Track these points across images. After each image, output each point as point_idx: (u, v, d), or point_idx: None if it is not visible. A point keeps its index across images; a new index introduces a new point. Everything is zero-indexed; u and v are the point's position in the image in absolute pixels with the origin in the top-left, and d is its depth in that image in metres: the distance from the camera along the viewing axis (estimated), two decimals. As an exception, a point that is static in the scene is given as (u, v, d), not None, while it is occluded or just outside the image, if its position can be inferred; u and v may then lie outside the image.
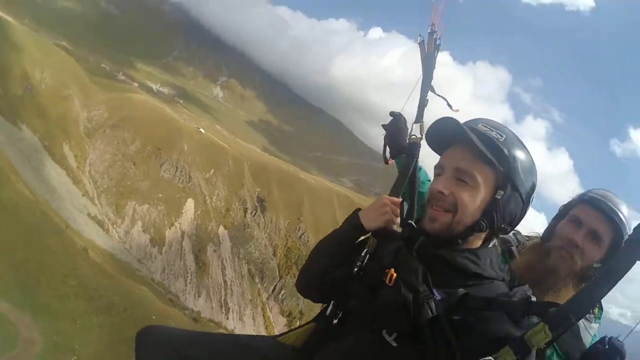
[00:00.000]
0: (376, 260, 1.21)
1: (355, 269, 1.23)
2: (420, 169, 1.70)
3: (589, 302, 1.00)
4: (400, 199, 1.44)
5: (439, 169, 1.21)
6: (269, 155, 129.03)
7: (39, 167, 61.71)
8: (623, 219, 1.53)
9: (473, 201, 1.13)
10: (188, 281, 74.31)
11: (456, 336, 0.99)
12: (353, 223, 1.38)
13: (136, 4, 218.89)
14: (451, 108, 1.66)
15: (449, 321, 1.01)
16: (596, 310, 1.60)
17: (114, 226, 72.03)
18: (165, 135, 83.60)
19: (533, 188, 1.18)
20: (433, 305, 1.02)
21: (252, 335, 1.51)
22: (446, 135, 1.21)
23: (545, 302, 1.07)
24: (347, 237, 1.38)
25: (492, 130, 1.15)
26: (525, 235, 1.86)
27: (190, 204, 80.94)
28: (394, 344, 1.05)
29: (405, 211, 1.43)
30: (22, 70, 67.58)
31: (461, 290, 1.05)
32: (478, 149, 1.10)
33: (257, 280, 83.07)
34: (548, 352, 1.33)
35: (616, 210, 1.53)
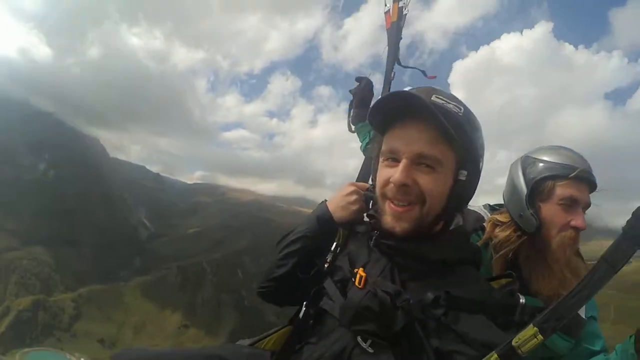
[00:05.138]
0: (346, 256, 1.11)
1: (326, 265, 1.14)
2: None
3: (584, 298, 0.88)
4: (370, 184, 1.28)
5: (391, 154, 1.03)
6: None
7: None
8: None
9: (439, 187, 0.99)
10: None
11: (435, 340, 0.91)
12: (320, 215, 1.25)
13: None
14: (426, 76, 1.59)
15: (424, 326, 0.92)
16: None
17: None
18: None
19: (482, 162, 1.07)
20: (407, 309, 0.92)
21: (222, 345, 1.33)
22: (400, 110, 1.02)
23: (537, 307, 0.95)
24: (314, 232, 1.23)
25: (450, 103, 1.00)
26: (494, 205, 1.70)
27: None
28: (370, 350, 0.96)
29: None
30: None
31: (432, 292, 0.94)
32: (444, 128, 0.94)
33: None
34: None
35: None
